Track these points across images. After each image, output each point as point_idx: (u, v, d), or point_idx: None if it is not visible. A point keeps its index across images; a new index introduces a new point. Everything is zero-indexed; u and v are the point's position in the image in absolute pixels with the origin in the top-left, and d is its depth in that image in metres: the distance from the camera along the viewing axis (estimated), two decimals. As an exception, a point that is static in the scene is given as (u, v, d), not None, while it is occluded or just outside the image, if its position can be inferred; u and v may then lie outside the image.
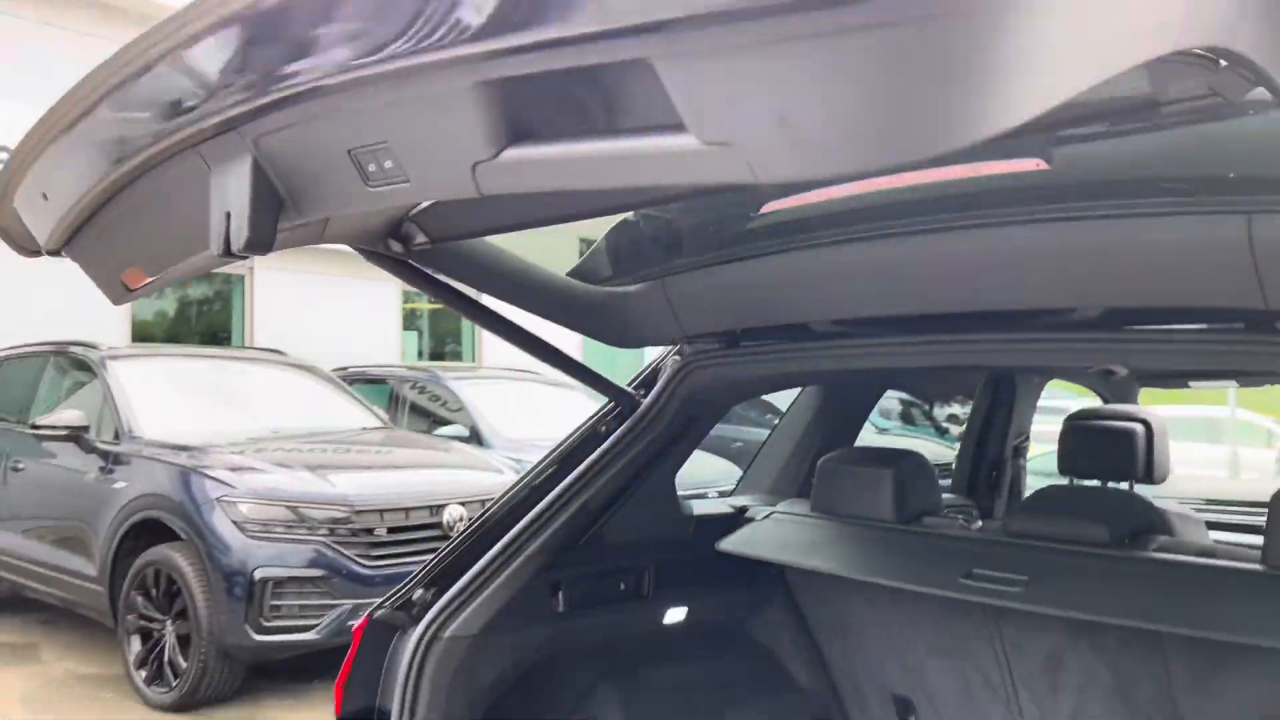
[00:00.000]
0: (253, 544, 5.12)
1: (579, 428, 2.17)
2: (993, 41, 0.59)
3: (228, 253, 1.14)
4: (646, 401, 2.14)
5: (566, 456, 2.13)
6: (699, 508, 2.42)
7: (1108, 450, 2.36)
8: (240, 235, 1.12)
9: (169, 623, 5.30)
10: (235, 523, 5.15)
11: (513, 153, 0.87)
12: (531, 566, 1.98)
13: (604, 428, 2.16)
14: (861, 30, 0.60)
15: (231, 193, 1.13)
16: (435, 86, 0.89)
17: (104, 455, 5.91)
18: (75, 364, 6.68)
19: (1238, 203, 1.25)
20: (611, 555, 2.17)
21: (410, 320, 14.54)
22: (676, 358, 2.16)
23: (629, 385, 2.20)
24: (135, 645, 5.45)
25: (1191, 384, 3.70)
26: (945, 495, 2.98)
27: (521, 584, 1.97)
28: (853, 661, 2.49)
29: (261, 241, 1.14)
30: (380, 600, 1.95)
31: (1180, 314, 1.55)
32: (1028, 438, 3.41)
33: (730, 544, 2.28)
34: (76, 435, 5.99)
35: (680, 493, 2.38)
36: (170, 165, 1.16)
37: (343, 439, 6.64)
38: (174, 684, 5.20)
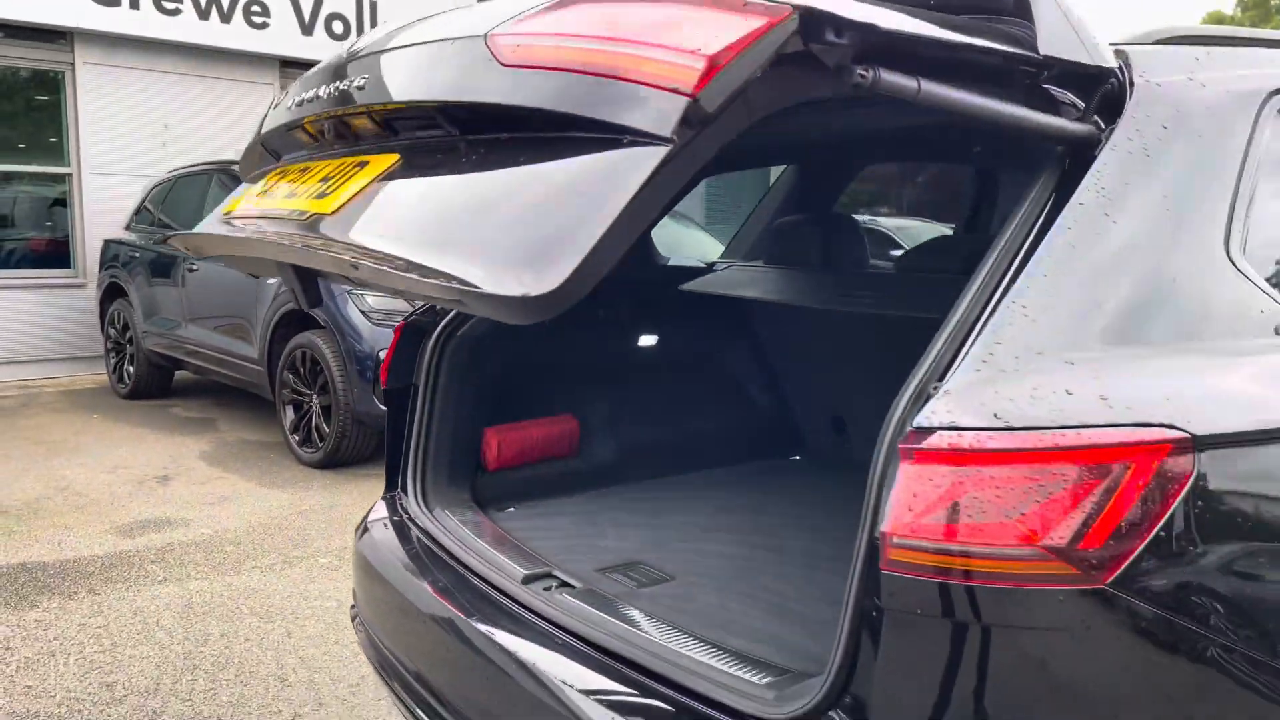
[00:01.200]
0: (379, 330, 6.00)
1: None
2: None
3: (300, 308, 2.18)
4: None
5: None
6: (674, 262, 3.01)
7: None
8: (304, 300, 2.13)
9: (314, 396, 6.29)
10: (363, 312, 6.03)
11: None
12: (523, 292, 2.63)
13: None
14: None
15: (291, 280, 2.09)
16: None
17: (259, 257, 6.88)
18: (235, 179, 7.62)
19: None
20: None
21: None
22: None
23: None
24: (289, 414, 6.51)
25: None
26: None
27: None
28: (801, 387, 3.08)
29: (314, 302, 2.17)
30: (412, 310, 2.65)
31: None
32: (1014, 227, 3.81)
33: (690, 285, 2.88)
34: (237, 239, 6.97)
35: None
36: (261, 263, 2.09)
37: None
38: (320, 446, 6.23)
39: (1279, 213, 1.69)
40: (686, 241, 7.72)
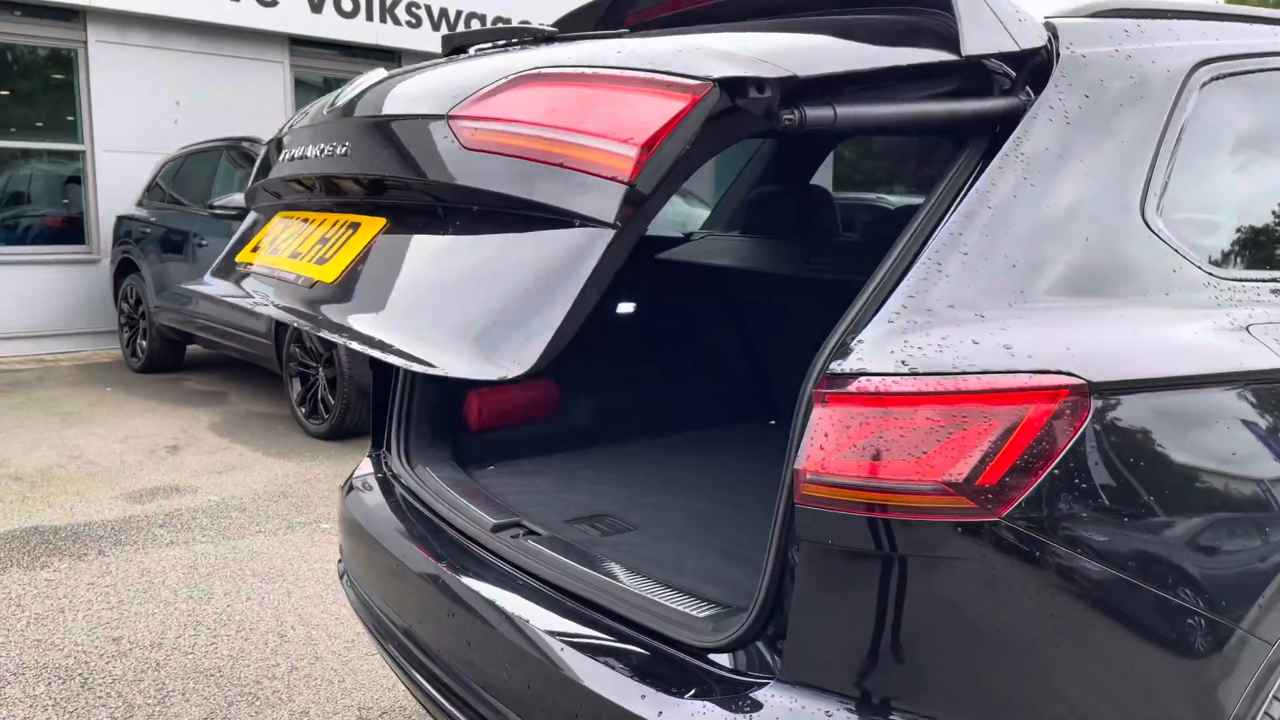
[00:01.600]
0: (382, 304, 6.12)
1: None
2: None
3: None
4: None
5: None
6: (651, 231, 3.10)
7: None
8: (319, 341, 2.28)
9: (320, 369, 6.41)
10: (367, 286, 6.15)
11: None
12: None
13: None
14: None
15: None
16: None
17: (267, 233, 7.00)
18: (244, 156, 7.75)
19: None
20: None
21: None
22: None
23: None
24: (296, 387, 6.64)
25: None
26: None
27: None
28: (776, 353, 3.18)
29: (328, 344, 2.46)
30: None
31: None
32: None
33: (666, 254, 2.98)
34: (245, 215, 7.08)
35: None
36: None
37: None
38: (326, 417, 6.36)
39: (1198, 178, 1.78)
40: (701, 220, 7.81)
